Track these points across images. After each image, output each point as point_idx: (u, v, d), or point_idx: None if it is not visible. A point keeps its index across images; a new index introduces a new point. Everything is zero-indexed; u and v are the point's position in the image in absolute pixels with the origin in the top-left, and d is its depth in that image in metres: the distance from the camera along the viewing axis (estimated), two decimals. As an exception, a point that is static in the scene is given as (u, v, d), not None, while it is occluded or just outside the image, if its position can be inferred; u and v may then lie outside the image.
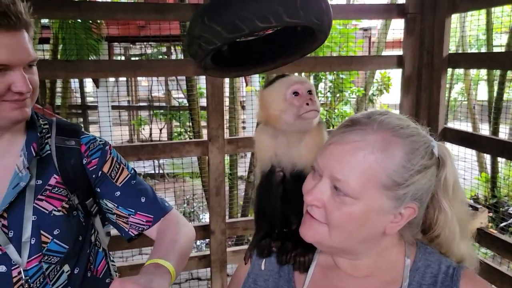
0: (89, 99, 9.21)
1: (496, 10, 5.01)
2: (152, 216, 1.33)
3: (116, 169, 1.33)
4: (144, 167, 7.24)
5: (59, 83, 5.92)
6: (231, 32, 0.98)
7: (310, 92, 1.03)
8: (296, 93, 1.02)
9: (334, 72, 5.53)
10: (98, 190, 1.30)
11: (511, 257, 2.31)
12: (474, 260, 0.93)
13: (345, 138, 0.83)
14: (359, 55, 4.80)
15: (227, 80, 4.54)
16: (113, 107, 7.40)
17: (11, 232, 1.13)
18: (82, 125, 1.54)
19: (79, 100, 8.32)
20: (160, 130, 7.43)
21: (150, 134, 7.43)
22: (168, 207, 1.38)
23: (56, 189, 1.20)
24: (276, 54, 1.26)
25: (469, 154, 4.81)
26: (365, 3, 3.30)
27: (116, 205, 1.31)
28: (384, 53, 5.56)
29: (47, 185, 1.19)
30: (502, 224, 4.48)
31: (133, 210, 1.32)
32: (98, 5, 2.32)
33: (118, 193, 1.31)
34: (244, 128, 7.15)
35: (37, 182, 1.18)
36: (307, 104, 1.00)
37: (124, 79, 9.07)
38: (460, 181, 0.91)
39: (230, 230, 2.69)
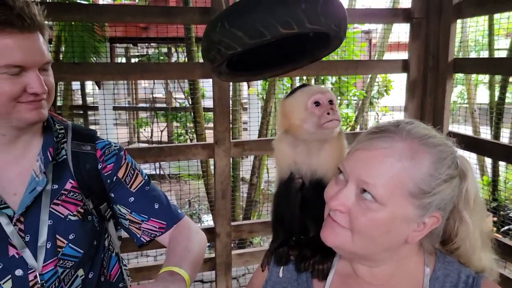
0: (89, 99, 9.21)
1: (497, 15, 5.04)
2: (165, 223, 1.34)
3: (130, 174, 1.34)
4: (144, 168, 7.22)
5: (60, 84, 5.91)
6: (252, 37, 0.98)
7: (331, 102, 1.05)
8: (317, 103, 1.04)
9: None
10: (112, 195, 1.31)
11: (516, 261, 2.32)
12: (494, 272, 0.93)
13: (373, 144, 0.84)
14: (365, 59, 4.83)
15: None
16: (114, 108, 7.39)
17: (27, 236, 1.14)
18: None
19: (79, 101, 8.32)
20: (161, 131, 7.42)
21: (151, 135, 7.42)
22: (181, 214, 1.39)
23: (72, 193, 1.21)
24: (285, 59, 1.27)
25: (468, 157, 4.83)
26: (368, 7, 3.30)
27: (129, 210, 1.32)
28: (385, 56, 5.59)
29: (63, 190, 1.20)
30: (503, 228, 4.49)
31: (146, 217, 1.33)
32: (106, 8, 2.33)
33: (132, 199, 1.32)
34: (245, 129, 7.15)
35: (53, 186, 1.19)
36: (328, 113, 1.01)
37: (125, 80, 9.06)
38: None
39: (235, 233, 2.69)
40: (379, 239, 0.84)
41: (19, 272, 1.12)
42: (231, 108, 2.57)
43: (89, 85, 9.40)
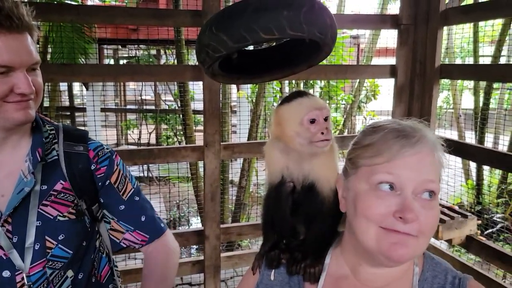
0: (77, 101, 9.12)
1: (481, 22, 5.15)
2: (148, 236, 1.36)
3: (122, 182, 1.34)
4: (132, 170, 7.18)
5: (47, 85, 5.84)
6: (236, 41, 1.01)
7: (326, 118, 1.04)
8: (313, 120, 1.03)
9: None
10: (102, 200, 1.31)
11: (499, 263, 2.37)
12: None
13: (415, 147, 0.84)
14: (354, 64, 4.89)
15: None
16: (102, 110, 7.34)
17: (15, 237, 1.13)
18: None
19: (67, 102, 8.23)
20: (150, 133, 7.38)
21: (139, 137, 7.37)
22: (164, 227, 1.42)
23: (62, 194, 1.20)
24: (284, 63, 1.30)
25: (453, 161, 4.92)
26: (357, 12, 3.35)
27: (116, 218, 1.33)
28: (373, 61, 5.66)
29: (52, 191, 1.19)
30: (487, 231, 4.57)
31: (132, 228, 1.34)
32: (97, 9, 2.33)
33: (122, 207, 1.33)
34: (234, 132, 7.16)
35: (42, 187, 1.18)
36: (322, 133, 1.02)
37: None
38: (446, 188, 0.96)
39: (224, 235, 2.70)
40: (433, 232, 0.87)
41: (6, 273, 1.11)
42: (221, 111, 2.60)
43: (77, 86, 9.31)
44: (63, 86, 7.86)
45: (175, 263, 1.39)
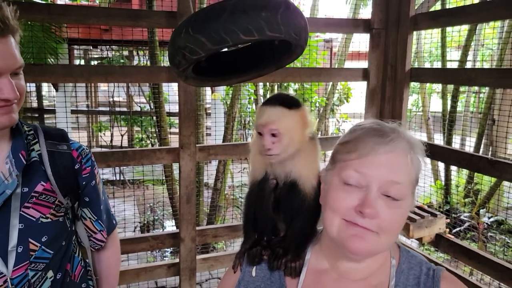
0: (45, 102, 8.86)
1: (449, 28, 5.33)
2: (106, 236, 1.41)
3: (101, 182, 1.38)
4: (103, 173, 7.05)
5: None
6: (215, 43, 1.02)
7: (274, 134, 1.03)
8: (260, 133, 1.06)
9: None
10: (87, 199, 1.33)
11: (467, 260, 2.46)
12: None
13: (387, 146, 0.87)
14: (328, 67, 4.95)
15: (193, 87, 4.54)
16: (72, 111, 7.16)
17: None
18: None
19: (35, 104, 7.99)
20: (122, 135, 7.26)
21: (111, 140, 7.24)
22: (115, 223, 1.47)
23: (44, 196, 1.19)
24: (251, 66, 1.31)
25: (422, 162, 5.05)
26: (331, 16, 3.41)
27: (95, 218, 1.35)
28: (346, 64, 5.77)
29: (33, 192, 1.17)
30: (454, 230, 4.73)
31: (104, 228, 1.38)
32: (70, 9, 2.28)
33: (102, 206, 1.36)
34: (209, 135, 7.13)
35: (23, 189, 1.16)
36: (267, 147, 1.03)
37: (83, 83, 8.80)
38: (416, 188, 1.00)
39: (200, 237, 2.69)
40: (398, 231, 0.91)
41: None
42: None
43: (45, 87, 9.06)
44: (31, 86, 7.63)
45: (119, 259, 1.49)
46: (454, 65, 5.78)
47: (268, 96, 6.50)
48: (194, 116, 2.48)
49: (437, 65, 7.40)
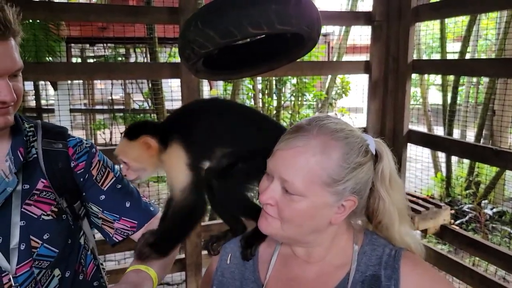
0: (43, 101, 8.82)
1: (447, 20, 5.33)
2: (136, 222, 1.33)
3: (102, 172, 1.31)
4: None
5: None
6: (223, 37, 1.01)
7: (125, 162, 1.14)
8: None
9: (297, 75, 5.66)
10: (84, 194, 1.29)
11: (472, 251, 2.47)
12: (419, 245, 1.03)
13: (289, 144, 0.94)
14: (330, 61, 4.95)
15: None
16: (71, 110, 7.14)
17: None
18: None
19: (33, 103, 7.95)
20: (121, 133, 7.23)
21: (110, 138, 7.21)
22: (154, 210, 1.39)
23: (44, 193, 1.18)
24: (264, 59, 1.30)
25: (421, 156, 5.08)
26: (326, 9, 3.41)
27: (101, 209, 1.31)
28: (344, 58, 5.76)
29: (34, 190, 1.16)
30: (457, 222, 4.75)
31: (118, 216, 1.32)
32: (71, 6, 2.27)
33: (103, 197, 1.30)
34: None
35: (24, 186, 1.15)
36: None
37: (81, 81, 8.78)
38: (414, 181, 1.01)
39: (205, 233, 2.69)
40: (305, 225, 0.96)
41: None
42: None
43: (41, 87, 9.00)
44: (29, 85, 7.59)
45: None
46: (454, 57, 5.79)
47: (266, 91, 6.51)
48: (197, 112, 2.47)
49: (435, 57, 7.41)
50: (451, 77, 5.04)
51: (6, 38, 1.02)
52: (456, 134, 5.44)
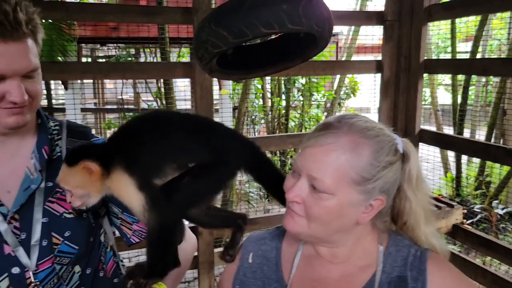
0: (53, 101, 8.90)
1: (457, 20, 5.31)
2: None
3: None
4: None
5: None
6: (236, 37, 1.03)
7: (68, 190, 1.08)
8: None
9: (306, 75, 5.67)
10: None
11: (484, 250, 2.47)
12: (444, 247, 1.03)
13: (319, 141, 0.94)
14: (342, 60, 4.95)
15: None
16: (82, 110, 7.21)
17: (23, 234, 1.13)
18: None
19: (44, 102, 8.03)
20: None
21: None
22: None
23: None
24: (278, 58, 1.32)
25: (431, 155, 5.07)
26: (338, 9, 3.42)
27: (120, 210, 1.33)
28: (353, 58, 5.75)
29: (57, 188, 1.18)
30: (468, 221, 4.73)
31: (137, 218, 1.33)
32: (86, 6, 2.30)
33: None
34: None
35: (48, 184, 1.18)
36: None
37: (91, 81, 8.85)
38: (426, 181, 1.02)
39: (217, 231, 2.71)
40: (332, 223, 0.95)
41: (15, 270, 1.11)
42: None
43: (51, 86, 9.08)
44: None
45: (186, 249, 1.37)
46: (463, 57, 5.76)
47: (276, 91, 6.52)
48: (211, 111, 2.50)
49: (444, 57, 7.37)
50: (460, 77, 5.02)
51: (17, 39, 1.02)
52: (466, 134, 5.41)
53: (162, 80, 5.20)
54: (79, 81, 6.78)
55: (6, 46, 1.01)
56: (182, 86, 6.98)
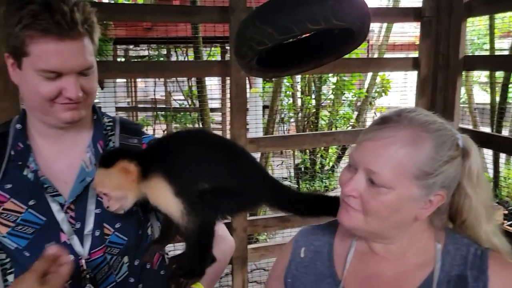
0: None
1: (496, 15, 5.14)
2: None
3: None
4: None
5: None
6: (282, 33, 1.05)
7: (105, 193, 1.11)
8: None
9: (337, 74, 5.63)
10: None
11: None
12: (506, 246, 0.99)
13: (378, 134, 0.92)
14: (378, 57, 4.90)
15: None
16: (117, 109, 7.40)
17: (78, 223, 1.18)
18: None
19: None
20: (163, 131, 7.46)
21: (154, 135, 7.43)
22: None
23: None
24: (311, 56, 1.33)
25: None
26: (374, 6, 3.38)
27: None
28: (385, 55, 5.67)
29: None
30: (508, 223, 4.58)
31: None
32: (127, 7, 2.37)
33: None
34: (247, 129, 7.17)
35: None
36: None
37: (124, 80, 9.08)
38: None
39: (250, 227, 2.73)
40: (390, 218, 0.93)
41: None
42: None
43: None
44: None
45: (223, 249, 1.37)
46: (502, 53, 5.57)
47: (306, 90, 6.50)
48: (245, 109, 2.53)
49: (480, 54, 7.13)
50: (498, 75, 4.86)
51: (73, 38, 1.06)
52: (505, 133, 5.24)
53: (193, 79, 5.27)
54: (112, 80, 6.97)
55: (63, 44, 1.05)
56: (209, 85, 7.08)
